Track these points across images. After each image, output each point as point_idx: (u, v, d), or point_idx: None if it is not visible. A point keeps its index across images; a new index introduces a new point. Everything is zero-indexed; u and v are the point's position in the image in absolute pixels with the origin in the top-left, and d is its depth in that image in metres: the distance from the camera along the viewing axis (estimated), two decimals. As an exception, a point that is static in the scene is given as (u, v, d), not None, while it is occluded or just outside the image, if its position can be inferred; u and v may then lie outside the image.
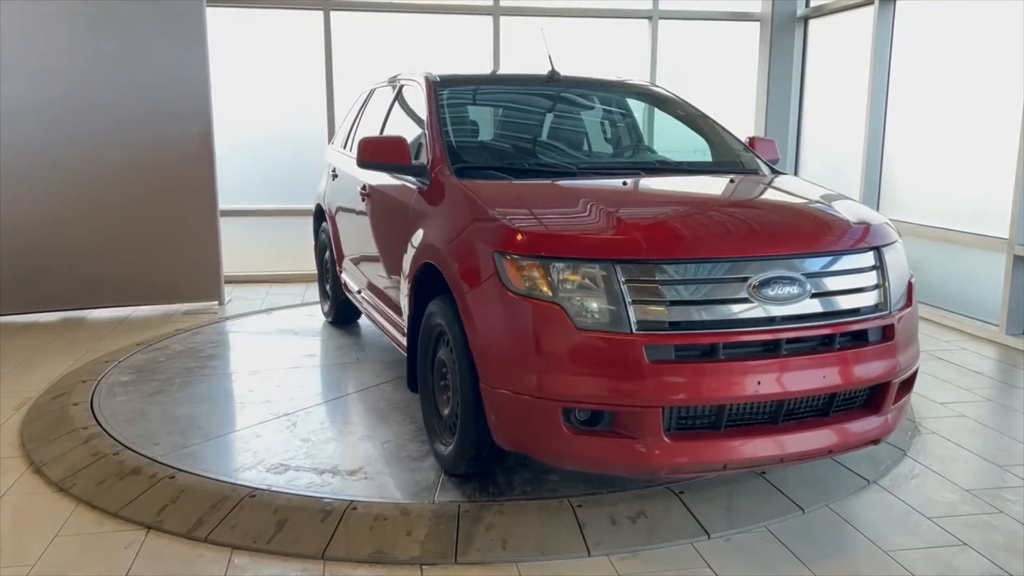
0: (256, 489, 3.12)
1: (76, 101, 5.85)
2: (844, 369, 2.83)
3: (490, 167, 3.63)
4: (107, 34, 5.86)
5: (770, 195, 3.55)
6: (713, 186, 3.67)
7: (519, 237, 2.84)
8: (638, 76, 4.69)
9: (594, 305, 2.71)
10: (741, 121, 8.15)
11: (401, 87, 4.63)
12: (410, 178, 3.78)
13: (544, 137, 4.30)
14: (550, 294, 2.73)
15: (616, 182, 3.49)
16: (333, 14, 7.36)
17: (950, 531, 2.95)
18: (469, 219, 3.13)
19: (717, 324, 2.72)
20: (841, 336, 2.86)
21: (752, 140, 4.22)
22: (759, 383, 2.70)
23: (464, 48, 7.76)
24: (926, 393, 4.41)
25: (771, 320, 2.77)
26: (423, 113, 3.97)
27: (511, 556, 2.75)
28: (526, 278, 2.78)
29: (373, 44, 7.53)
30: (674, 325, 2.69)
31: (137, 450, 3.49)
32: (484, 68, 7.54)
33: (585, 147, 4.41)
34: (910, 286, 3.15)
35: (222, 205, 6.37)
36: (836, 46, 7.64)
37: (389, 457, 3.48)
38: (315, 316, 6.04)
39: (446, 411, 3.30)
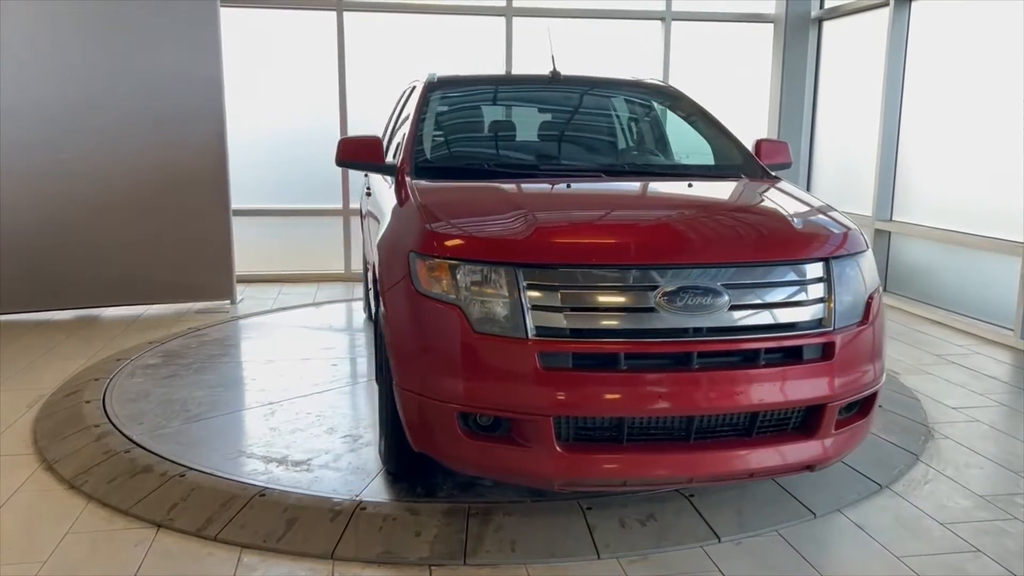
0: (266, 488, 3.13)
1: (89, 101, 5.89)
2: (765, 388, 2.65)
3: (451, 167, 3.63)
4: (121, 34, 5.90)
5: (724, 201, 3.38)
6: (666, 190, 3.51)
7: (431, 238, 2.81)
8: (650, 76, 4.60)
9: (493, 309, 2.65)
10: (755, 123, 8.12)
11: (413, 88, 4.64)
12: (388, 178, 3.79)
13: (523, 138, 4.26)
14: (453, 296, 2.69)
15: (565, 185, 3.42)
16: (346, 14, 7.38)
17: (963, 537, 2.92)
18: (403, 218, 3.12)
19: (619, 333, 2.62)
20: (767, 352, 2.67)
21: (760, 143, 3.99)
22: (661, 397, 2.59)
23: (477, 49, 7.76)
24: (940, 398, 4.37)
25: (683, 332, 2.62)
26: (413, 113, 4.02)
27: (520, 558, 2.74)
28: (433, 279, 2.75)
29: (386, 45, 7.54)
30: (575, 332, 2.61)
31: (145, 446, 3.51)
32: (497, 68, 7.54)
33: (562, 148, 4.22)
34: (870, 302, 2.90)
35: (235, 204, 6.40)
36: (850, 48, 7.60)
37: (342, 452, 3.51)
38: (355, 311, 6.29)
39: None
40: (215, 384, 4.45)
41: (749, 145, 4.01)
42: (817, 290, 2.79)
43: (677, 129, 4.32)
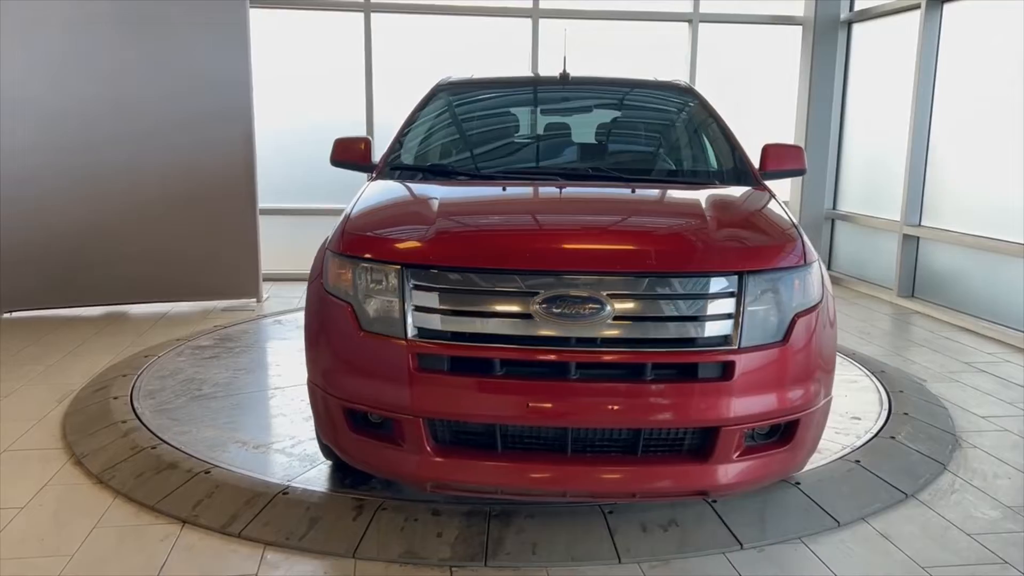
0: (289, 487, 3.15)
1: (121, 101, 5.97)
2: (648, 404, 2.56)
3: (419, 168, 3.67)
4: (153, 35, 5.97)
5: (654, 209, 3.24)
6: (606, 196, 3.38)
7: (343, 237, 2.89)
8: (672, 77, 4.54)
9: (379, 308, 2.69)
10: (782, 126, 8.06)
11: None
12: None
13: (510, 140, 4.21)
14: (349, 294, 2.76)
15: (501, 188, 3.42)
16: (373, 16, 7.42)
17: (990, 548, 2.88)
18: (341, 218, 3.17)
19: (496, 339, 2.58)
20: (655, 367, 2.57)
21: (767, 148, 3.79)
22: (530, 406, 2.54)
23: (505, 50, 7.77)
24: (968, 406, 4.31)
25: (563, 341, 2.57)
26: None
27: (541, 560, 2.74)
28: (338, 277, 2.82)
29: (413, 47, 7.57)
30: (453, 336, 2.61)
31: (171, 443, 3.56)
32: (524, 70, 7.55)
33: (540, 150, 4.12)
34: (796, 320, 2.70)
35: (261, 204, 6.46)
36: (880, 50, 7.52)
37: (308, 440, 3.58)
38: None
39: None
40: (241, 367, 4.73)
41: (757, 149, 3.84)
42: (724, 305, 2.62)
43: (678, 131, 4.24)
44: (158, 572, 2.65)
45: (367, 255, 2.77)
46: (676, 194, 3.40)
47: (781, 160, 3.76)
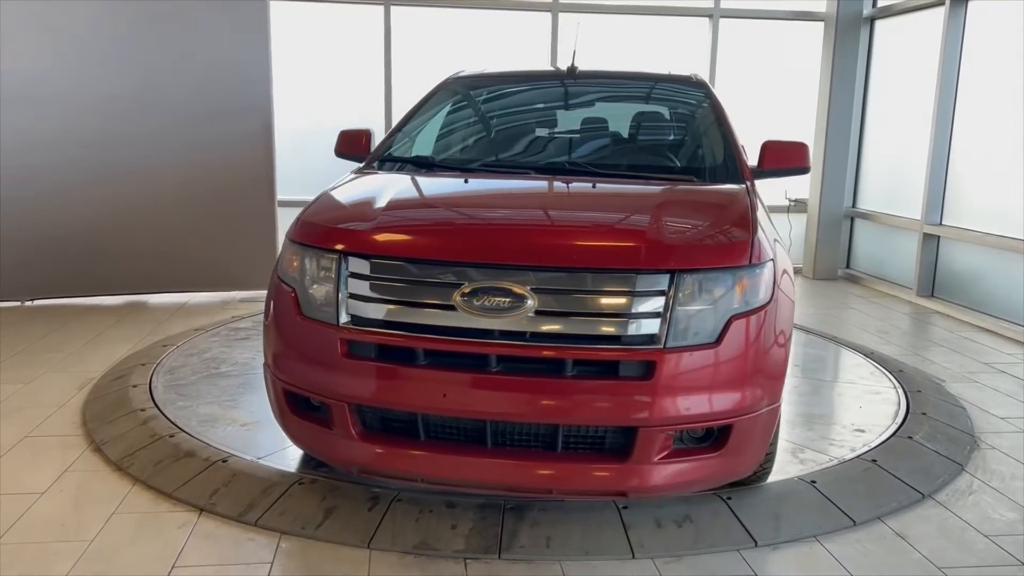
0: (304, 475, 3.18)
1: (141, 94, 6.02)
2: (565, 401, 2.54)
3: (405, 160, 3.74)
4: (172, 29, 6.01)
5: (604, 204, 3.21)
6: (566, 190, 3.36)
7: (298, 225, 2.99)
8: (686, 71, 4.46)
9: (318, 294, 2.77)
10: (803, 123, 8.00)
11: None
12: None
13: (503, 133, 4.22)
14: (295, 280, 2.85)
15: (481, 181, 3.50)
16: (393, 8, 7.43)
17: (1008, 550, 2.86)
18: None
19: (420, 329, 2.62)
20: (576, 364, 2.55)
21: (766, 145, 3.67)
22: (454, 397, 2.57)
23: (525, 44, 7.76)
24: (986, 407, 4.28)
25: (485, 333, 2.57)
26: None
27: (555, 554, 2.75)
28: (289, 263, 2.92)
29: (434, 40, 7.58)
30: (381, 324, 2.66)
31: (190, 432, 3.60)
32: (544, 63, 7.53)
33: (530, 144, 4.09)
34: (731, 322, 2.62)
35: (280, 195, 6.49)
36: (903, 47, 7.45)
37: None
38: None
39: None
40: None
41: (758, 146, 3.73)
42: (652, 304, 2.57)
43: (673, 125, 4.17)
44: (175, 559, 2.68)
45: (313, 243, 2.86)
46: (637, 190, 3.31)
47: (781, 158, 3.63)
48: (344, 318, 2.70)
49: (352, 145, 4.00)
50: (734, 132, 3.79)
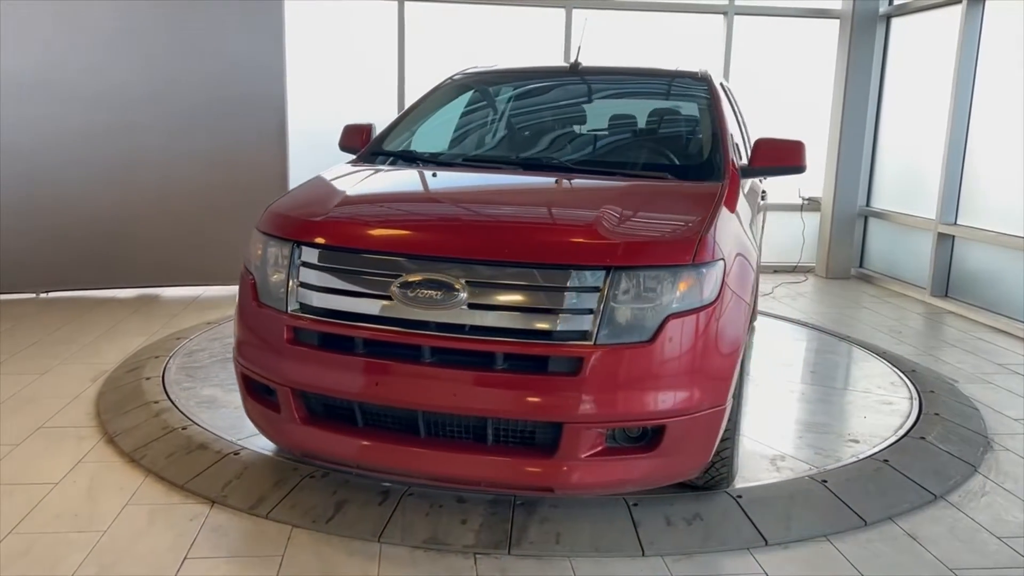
0: (316, 468, 3.19)
1: (155, 87, 6.05)
2: (493, 394, 2.54)
3: (392, 154, 3.81)
4: (186, 22, 6.04)
5: (557, 200, 3.21)
6: (518, 186, 3.38)
7: (265, 215, 3.08)
8: (693, 66, 4.38)
9: (273, 282, 2.87)
10: (818, 122, 7.96)
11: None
12: None
13: (483, 129, 4.26)
14: (257, 267, 2.96)
15: (449, 175, 3.57)
16: (407, 4, 7.43)
17: (1020, 552, 2.84)
18: None
19: (359, 318, 2.68)
20: (507, 358, 2.54)
21: (759, 143, 3.56)
22: (387, 386, 2.63)
23: (539, 40, 7.74)
24: (1000, 408, 4.25)
25: (420, 324, 2.60)
26: None
27: (564, 550, 2.75)
28: (254, 251, 3.03)
29: (448, 37, 7.57)
30: (325, 312, 2.73)
31: (201, 424, 3.62)
32: (557, 60, 7.52)
33: (512, 141, 4.14)
34: (666, 322, 2.56)
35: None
36: (919, 46, 7.40)
37: None
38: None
39: None
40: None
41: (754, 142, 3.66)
42: (585, 299, 2.54)
43: (664, 122, 4.11)
44: (187, 551, 2.70)
45: (273, 232, 2.95)
46: (599, 186, 3.28)
47: (774, 156, 3.52)
48: (293, 306, 2.79)
49: (354, 139, 4.06)
50: (726, 128, 3.71)
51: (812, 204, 8.15)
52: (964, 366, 5.02)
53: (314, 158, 7.40)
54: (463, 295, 2.57)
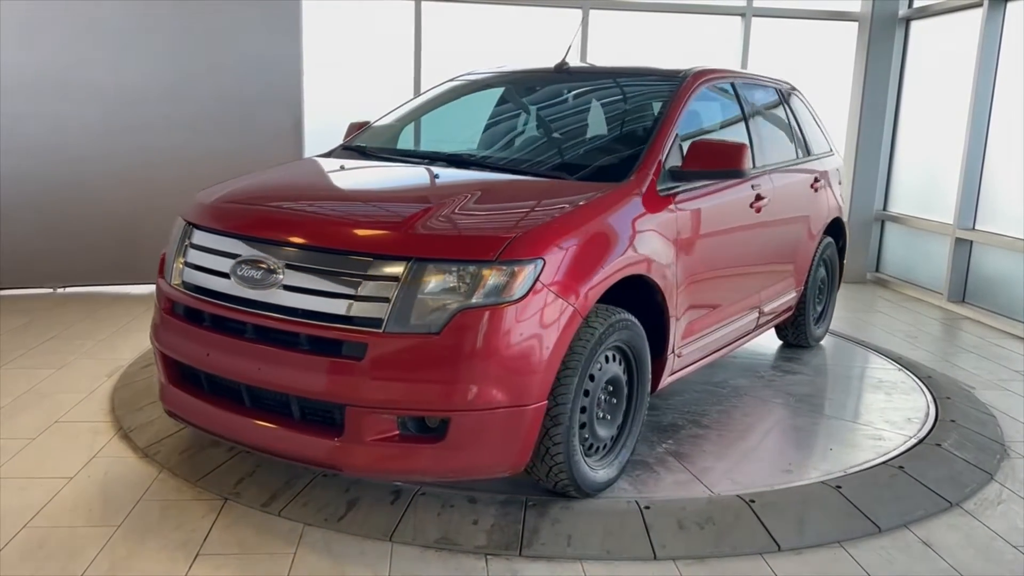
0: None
1: (173, 84, 6.10)
2: (287, 371, 2.70)
3: (352, 148, 4.04)
4: (204, 19, 6.08)
5: (420, 194, 3.31)
6: (408, 180, 3.56)
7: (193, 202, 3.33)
8: (690, 66, 4.21)
9: (170, 260, 3.18)
10: (834, 125, 7.89)
11: None
12: None
13: (435, 128, 4.39)
14: (168, 246, 3.25)
15: (368, 167, 3.82)
16: (424, 4, 7.43)
17: (1037, 562, 2.82)
18: None
19: (207, 293, 2.95)
20: (307, 339, 2.69)
21: (693, 145, 3.48)
22: (214, 356, 2.88)
23: (555, 41, 7.73)
24: (1017, 415, 4.21)
25: (247, 302, 2.81)
26: None
27: (576, 553, 2.75)
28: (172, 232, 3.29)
29: (465, 37, 7.57)
30: (191, 287, 3.04)
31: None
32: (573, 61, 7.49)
33: (457, 140, 4.35)
34: (457, 316, 2.58)
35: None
36: (939, 49, 7.34)
37: None
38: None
39: None
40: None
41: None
42: (384, 289, 2.62)
43: (613, 122, 4.01)
44: (200, 547, 2.71)
45: (182, 213, 3.26)
46: (471, 182, 3.37)
47: (709, 159, 3.42)
48: (176, 280, 3.11)
49: (352, 134, 4.30)
50: (667, 129, 3.52)
51: (828, 207, 8.08)
52: (981, 372, 4.97)
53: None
54: (280, 277, 2.76)
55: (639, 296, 3.23)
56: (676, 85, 3.85)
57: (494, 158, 3.85)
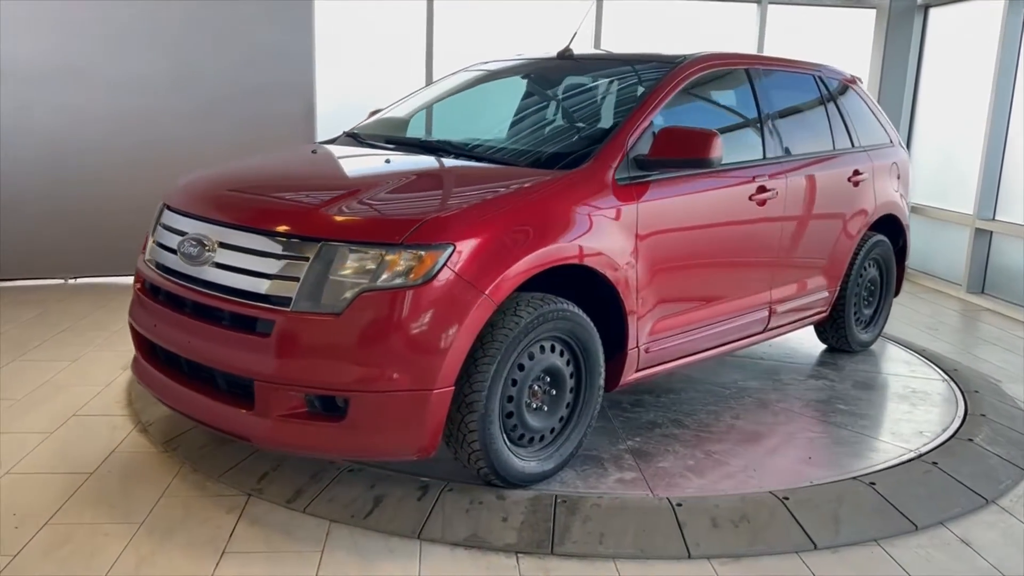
0: (354, 463, 3.14)
1: (182, 74, 6.03)
2: (205, 344, 2.86)
3: (350, 135, 4.09)
4: (214, 7, 6.00)
5: (369, 181, 3.33)
6: (371, 165, 3.65)
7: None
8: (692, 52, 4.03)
9: (148, 236, 3.36)
10: (850, 113, 7.81)
11: None
12: None
13: (432, 118, 4.39)
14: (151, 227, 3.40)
15: (347, 153, 3.84)
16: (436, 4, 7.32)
17: (1079, 561, 2.76)
18: None
19: (161, 268, 3.13)
20: (230, 314, 2.80)
21: (660, 132, 3.31)
22: (158, 328, 3.07)
23: (569, 32, 7.63)
24: (1047, 410, 4.15)
25: (188, 277, 2.95)
26: None
27: (609, 551, 2.69)
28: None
29: (478, 31, 7.48)
30: (154, 263, 3.20)
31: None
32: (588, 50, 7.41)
33: (458, 127, 4.37)
34: (359, 297, 2.60)
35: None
36: (958, 37, 7.24)
37: None
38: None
39: None
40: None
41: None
42: (295, 268, 2.71)
43: (590, 112, 3.93)
44: (226, 544, 2.66)
45: (163, 197, 3.39)
46: (422, 168, 3.44)
47: (676, 147, 3.26)
48: (148, 256, 3.27)
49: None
50: (639, 116, 3.39)
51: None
52: (1006, 365, 4.90)
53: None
54: (212, 255, 2.88)
55: (600, 289, 3.13)
56: (666, 71, 3.71)
57: (458, 145, 3.73)
